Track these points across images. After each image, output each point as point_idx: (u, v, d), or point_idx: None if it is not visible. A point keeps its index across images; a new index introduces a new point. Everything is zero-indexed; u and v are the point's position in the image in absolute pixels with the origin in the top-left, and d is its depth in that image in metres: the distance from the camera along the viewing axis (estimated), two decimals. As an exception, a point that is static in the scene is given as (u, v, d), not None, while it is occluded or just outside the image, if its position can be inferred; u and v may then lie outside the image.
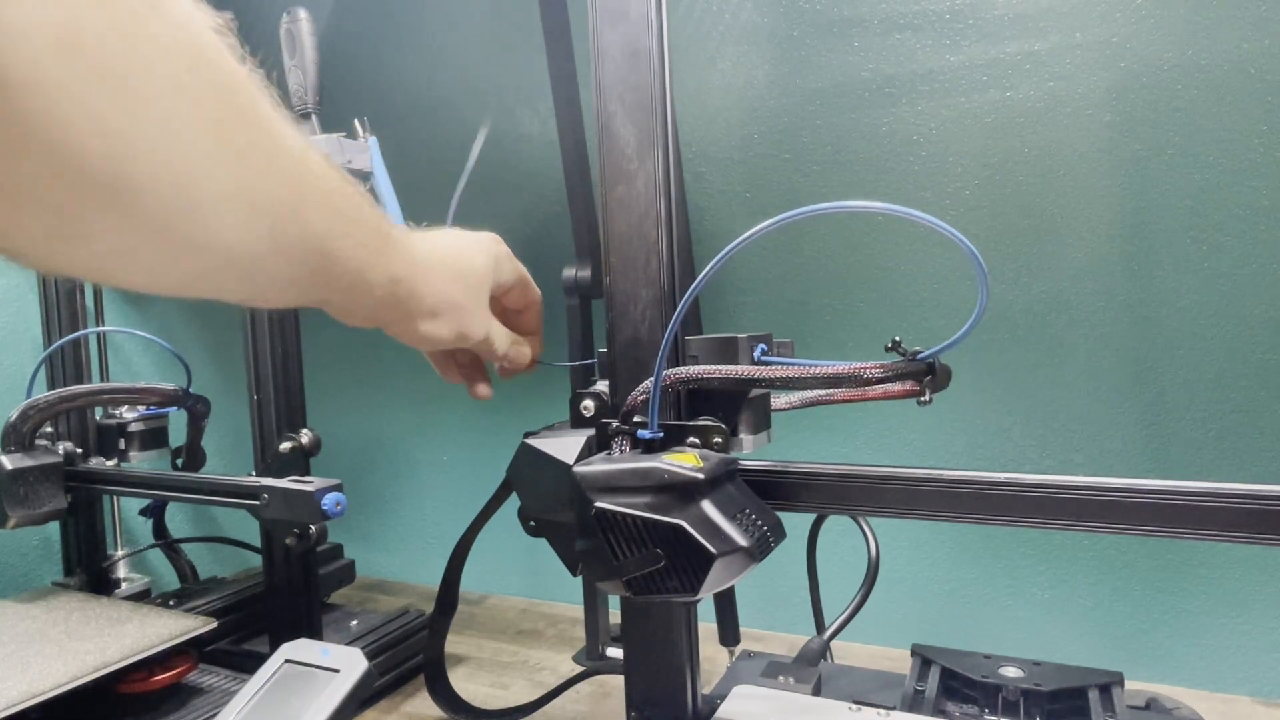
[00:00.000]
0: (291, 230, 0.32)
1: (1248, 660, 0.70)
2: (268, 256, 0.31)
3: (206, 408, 0.86)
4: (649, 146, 0.46)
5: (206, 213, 0.27)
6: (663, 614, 0.50)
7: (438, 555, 0.94)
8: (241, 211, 0.29)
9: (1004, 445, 0.76)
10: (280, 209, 0.31)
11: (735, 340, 0.46)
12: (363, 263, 0.37)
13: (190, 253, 0.28)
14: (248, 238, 0.30)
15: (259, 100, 0.29)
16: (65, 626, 0.68)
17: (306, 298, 0.37)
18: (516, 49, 0.94)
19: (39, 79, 0.20)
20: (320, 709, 0.53)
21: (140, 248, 0.26)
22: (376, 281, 0.39)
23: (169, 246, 0.27)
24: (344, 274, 0.37)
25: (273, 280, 0.34)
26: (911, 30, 0.76)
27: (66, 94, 0.21)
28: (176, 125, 0.25)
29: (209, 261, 0.29)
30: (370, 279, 0.38)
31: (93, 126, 0.22)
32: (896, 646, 0.76)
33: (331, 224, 0.34)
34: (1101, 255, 0.71)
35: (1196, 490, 0.37)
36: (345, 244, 0.36)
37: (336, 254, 0.35)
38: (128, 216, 0.25)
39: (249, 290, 0.34)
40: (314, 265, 0.35)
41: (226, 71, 0.27)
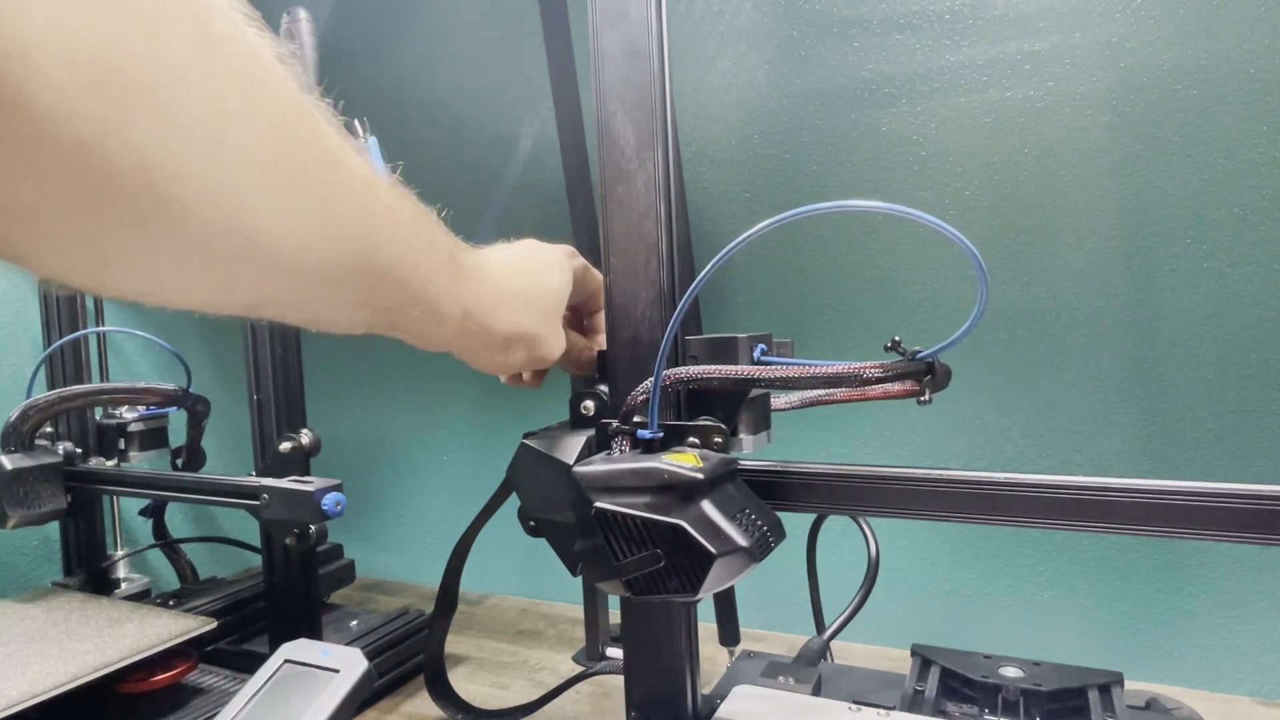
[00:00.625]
0: (360, 260, 0.31)
1: (1248, 660, 0.70)
2: (338, 282, 0.31)
3: (206, 408, 0.86)
4: (649, 146, 0.46)
5: (261, 240, 0.26)
6: (663, 614, 0.50)
7: (438, 555, 0.94)
8: (304, 240, 0.28)
9: (1004, 445, 0.76)
10: (347, 239, 0.30)
11: (735, 340, 0.46)
12: (435, 294, 0.37)
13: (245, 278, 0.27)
14: (312, 266, 0.29)
15: (322, 129, 0.29)
16: (65, 626, 0.68)
17: (378, 324, 0.36)
18: (516, 49, 0.94)
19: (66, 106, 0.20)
20: (320, 709, 0.53)
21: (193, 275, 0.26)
22: (449, 314, 0.38)
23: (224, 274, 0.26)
24: (415, 304, 0.36)
25: (340, 306, 0.33)
26: (911, 30, 0.76)
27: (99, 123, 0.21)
28: (225, 155, 0.24)
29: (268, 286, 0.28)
30: (443, 311, 0.38)
31: (128, 156, 0.21)
32: (896, 646, 0.76)
33: (403, 254, 0.34)
34: (1101, 255, 0.71)
35: (1196, 490, 0.37)
36: (417, 274, 0.35)
37: (408, 282, 0.35)
38: (172, 244, 0.24)
39: (316, 314, 0.33)
40: (385, 293, 0.34)
41: (286, 102, 0.27)
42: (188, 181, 0.23)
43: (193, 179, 0.23)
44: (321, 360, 0.90)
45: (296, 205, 0.27)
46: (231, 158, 0.24)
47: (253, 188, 0.25)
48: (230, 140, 0.24)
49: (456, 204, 0.44)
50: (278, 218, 0.27)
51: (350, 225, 0.30)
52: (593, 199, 0.76)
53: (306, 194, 0.28)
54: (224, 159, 0.24)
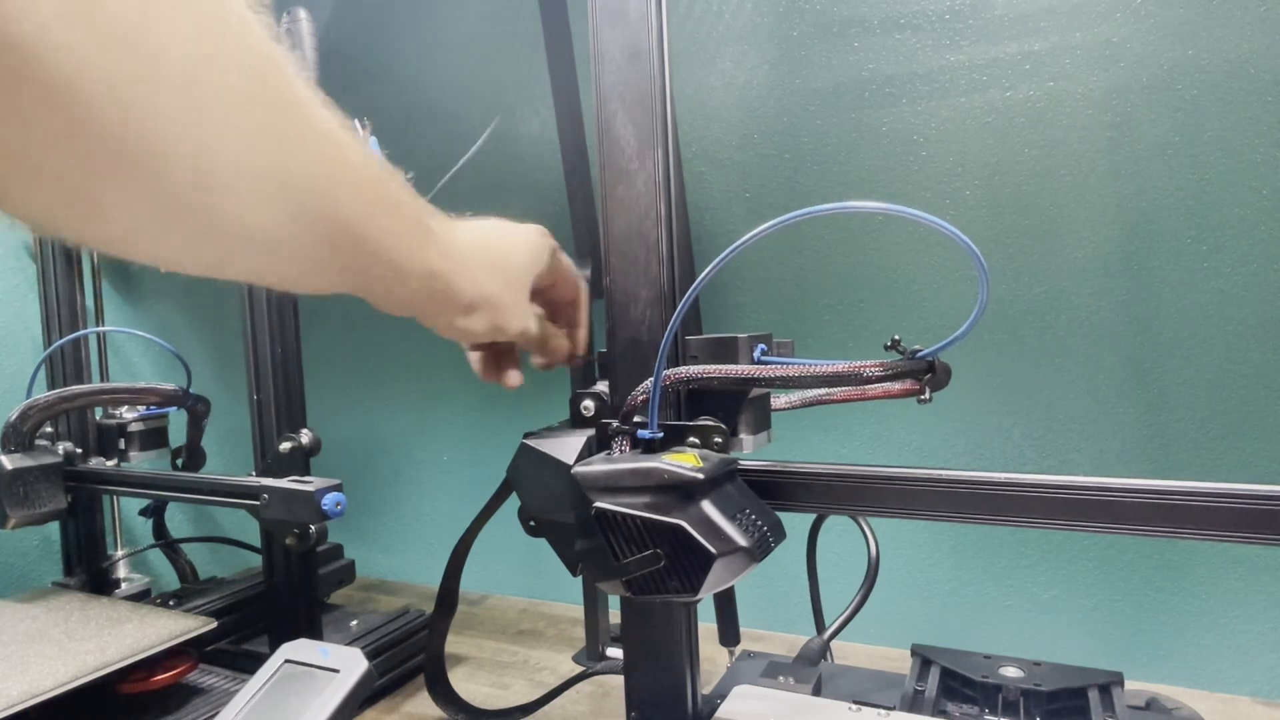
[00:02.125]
0: (322, 214, 0.31)
1: (1248, 660, 0.70)
2: (297, 240, 0.31)
3: (206, 408, 0.86)
4: (649, 146, 0.46)
5: (230, 189, 0.26)
6: (663, 614, 0.50)
7: (438, 555, 0.94)
8: (268, 191, 0.28)
9: (1004, 445, 0.76)
10: (310, 192, 0.30)
11: (735, 340, 0.46)
12: (399, 253, 0.37)
13: (214, 231, 0.27)
14: (276, 218, 0.29)
15: (292, 80, 0.28)
16: (65, 626, 0.68)
17: (342, 284, 0.36)
18: (516, 49, 0.94)
19: (49, 43, 0.20)
20: (320, 709, 0.53)
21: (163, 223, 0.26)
22: (413, 273, 0.38)
23: (192, 223, 0.26)
24: (378, 263, 0.36)
25: (303, 264, 0.33)
26: (911, 30, 0.76)
27: (80, 60, 0.21)
28: (199, 97, 0.24)
29: (236, 241, 0.28)
30: (406, 270, 0.38)
31: (108, 91, 0.22)
32: (896, 646, 0.76)
33: (366, 211, 0.34)
34: (1101, 255, 0.71)
35: (1196, 490, 0.37)
36: (380, 233, 0.35)
37: (370, 242, 0.35)
38: (147, 189, 0.24)
39: (280, 274, 0.33)
40: (347, 251, 0.34)
41: (257, 48, 0.26)
42: (162, 121, 0.23)
43: (166, 119, 0.23)
44: (321, 360, 0.90)
45: (262, 154, 0.27)
46: (205, 100, 0.24)
47: (225, 133, 0.25)
48: (203, 81, 0.24)
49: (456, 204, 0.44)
50: (244, 165, 0.27)
51: (311, 178, 0.30)
52: (593, 199, 0.76)
53: (272, 143, 0.28)
54: (197, 100, 0.24)
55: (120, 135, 0.22)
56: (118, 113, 0.22)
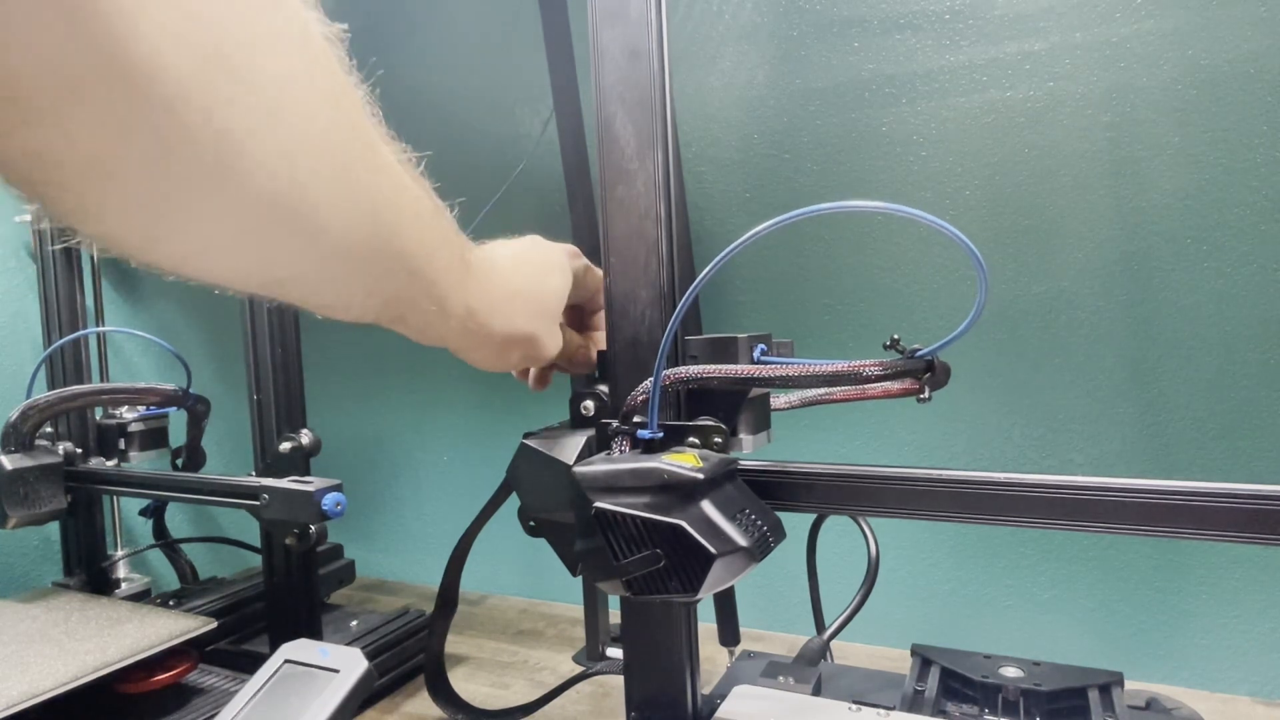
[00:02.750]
0: (386, 243, 0.32)
1: (1248, 660, 0.70)
2: (361, 264, 0.31)
3: (206, 408, 0.86)
4: (649, 146, 0.46)
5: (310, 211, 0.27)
6: (663, 614, 0.50)
7: (438, 555, 0.94)
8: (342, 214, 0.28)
9: (1004, 445, 0.76)
10: (378, 220, 0.31)
11: (735, 340, 0.46)
12: (443, 289, 0.37)
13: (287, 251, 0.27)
14: (345, 243, 0.29)
15: (363, 112, 0.29)
16: (65, 626, 0.68)
17: (384, 315, 0.36)
18: (516, 49, 0.94)
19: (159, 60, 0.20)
20: (320, 709, 0.53)
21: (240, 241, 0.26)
22: (453, 312, 0.39)
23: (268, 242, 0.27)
24: (424, 296, 0.36)
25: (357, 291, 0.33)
26: (911, 30, 0.76)
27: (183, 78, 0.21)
28: (287, 119, 0.24)
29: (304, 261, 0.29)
30: (448, 308, 0.38)
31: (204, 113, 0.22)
32: (896, 646, 0.76)
33: (421, 244, 0.34)
34: (1101, 255, 0.71)
35: (1196, 490, 0.37)
36: (430, 267, 0.35)
37: (422, 274, 0.35)
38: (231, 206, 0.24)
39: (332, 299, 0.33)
40: (400, 282, 0.34)
41: (337, 77, 0.27)
42: (250, 143, 0.23)
43: (254, 141, 0.24)
44: (321, 360, 0.90)
45: (339, 181, 0.28)
46: (289, 124, 0.25)
47: (305, 157, 0.26)
48: (289, 107, 0.25)
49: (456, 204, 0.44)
50: (322, 190, 0.27)
51: (381, 209, 0.31)
52: (593, 199, 0.76)
53: (348, 173, 0.28)
54: (282, 124, 0.24)
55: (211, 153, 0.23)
56: (211, 133, 0.22)
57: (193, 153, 0.22)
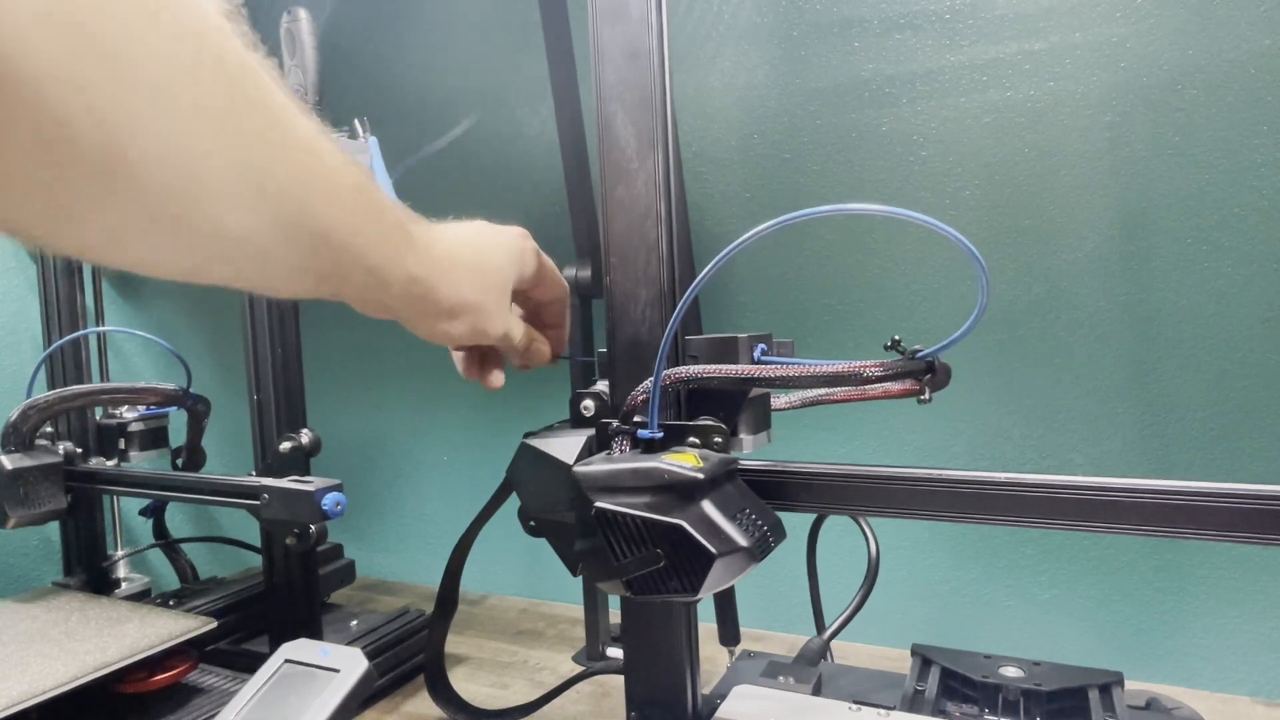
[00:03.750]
0: (301, 220, 0.31)
1: (1248, 660, 0.70)
2: (276, 245, 0.31)
3: (206, 408, 0.86)
4: (649, 146, 0.46)
5: (208, 197, 0.26)
6: (663, 614, 0.50)
7: (438, 555, 0.94)
8: (245, 199, 0.28)
9: (1004, 445, 0.76)
10: (289, 198, 0.30)
11: (735, 340, 0.46)
12: (379, 259, 0.37)
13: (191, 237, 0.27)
14: (253, 225, 0.29)
15: (269, 88, 0.28)
16: (65, 626, 0.68)
17: (321, 290, 0.36)
18: (516, 49, 0.94)
19: (26, 51, 0.20)
20: (320, 709, 0.53)
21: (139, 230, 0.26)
22: (393, 279, 0.39)
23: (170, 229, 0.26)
24: (357, 268, 0.36)
25: (281, 270, 0.33)
26: (911, 30, 0.76)
27: (56, 67, 0.21)
28: (176, 105, 0.24)
29: (213, 247, 0.28)
30: (387, 276, 0.38)
31: (83, 102, 0.22)
32: (896, 646, 0.76)
33: (344, 218, 0.34)
34: (1101, 255, 0.71)
35: (1196, 490, 0.37)
36: (358, 239, 0.35)
37: (349, 248, 0.35)
38: (124, 196, 0.24)
39: (257, 279, 0.33)
40: (325, 258, 0.34)
41: (233, 55, 0.27)
42: (135, 127, 0.23)
43: (140, 125, 0.23)
44: (321, 360, 0.90)
45: (239, 163, 0.27)
46: (179, 106, 0.24)
47: (199, 138, 0.25)
48: (178, 88, 0.24)
49: (456, 204, 0.44)
50: (221, 172, 0.27)
51: (290, 184, 0.30)
52: (593, 199, 0.76)
53: (248, 153, 0.28)
54: (172, 107, 0.24)
55: (92, 141, 0.22)
56: (89, 118, 0.22)
57: (77, 140, 0.22)
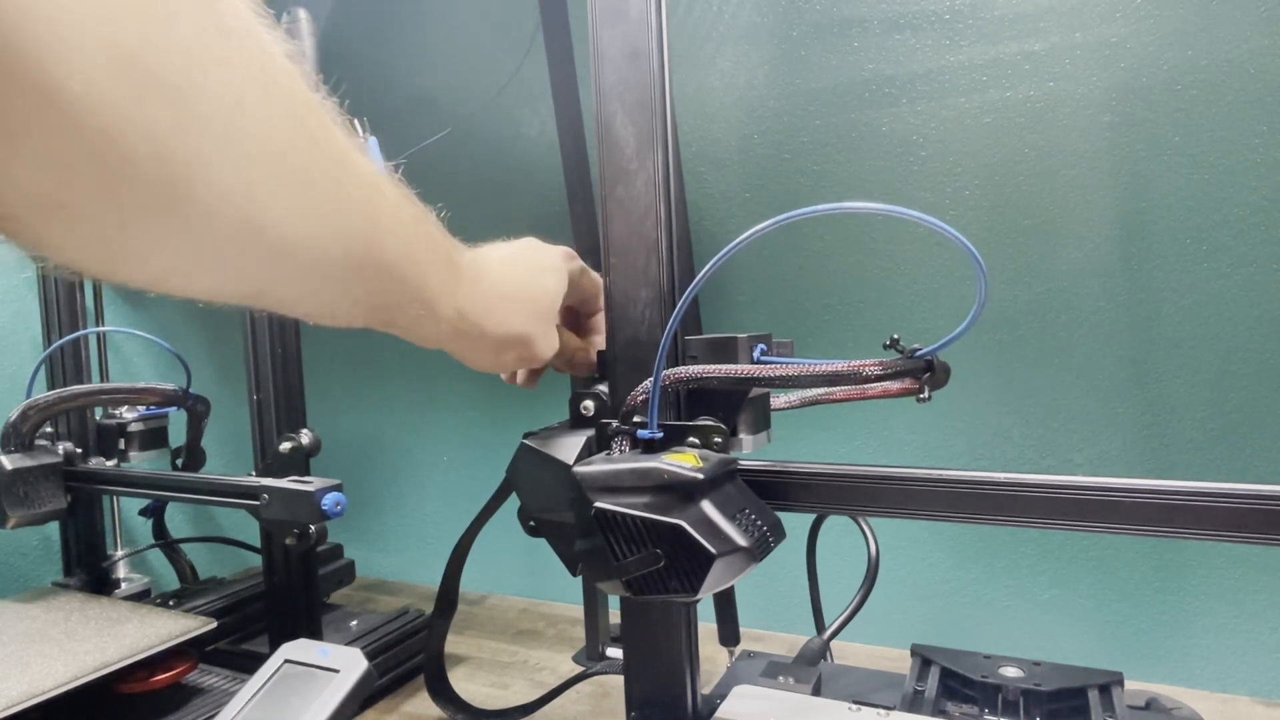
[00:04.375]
0: (362, 256, 0.32)
1: (1248, 660, 0.70)
2: (337, 279, 0.31)
3: (206, 408, 0.86)
4: (649, 146, 0.46)
5: (269, 234, 0.27)
6: (663, 614, 0.50)
7: (438, 555, 0.94)
8: (309, 234, 0.29)
9: (1004, 445, 0.76)
10: (352, 234, 0.31)
11: (735, 340, 0.46)
12: (432, 293, 0.37)
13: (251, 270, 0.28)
14: (316, 259, 0.30)
15: (330, 127, 0.29)
16: (65, 626, 0.68)
17: (374, 320, 0.37)
18: (516, 49, 0.94)
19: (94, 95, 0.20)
20: (320, 709, 0.53)
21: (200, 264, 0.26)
22: (444, 315, 0.39)
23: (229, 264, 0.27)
24: (414, 302, 0.37)
25: (340, 301, 0.33)
26: (911, 30, 0.76)
27: (119, 109, 0.21)
28: (239, 146, 0.25)
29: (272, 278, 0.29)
30: (439, 311, 0.39)
31: (147, 144, 0.22)
32: (896, 646, 0.76)
33: (403, 252, 0.34)
34: (1101, 255, 0.71)
35: (1196, 490, 0.37)
36: (415, 272, 0.36)
37: (407, 281, 0.35)
38: (189, 235, 0.25)
39: (315, 308, 0.34)
40: (384, 290, 0.34)
41: (297, 97, 0.27)
42: (202, 169, 0.24)
43: (207, 167, 0.24)
44: (321, 360, 0.90)
45: (304, 199, 0.28)
46: (244, 148, 0.25)
47: (264, 178, 0.26)
48: (244, 130, 0.25)
49: (457, 204, 0.44)
50: (286, 210, 0.27)
51: (355, 221, 0.31)
52: (593, 199, 0.76)
53: (314, 188, 0.28)
54: (237, 149, 0.25)
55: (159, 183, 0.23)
56: (156, 164, 0.22)
57: (142, 182, 0.22)
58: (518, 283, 0.45)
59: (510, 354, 0.45)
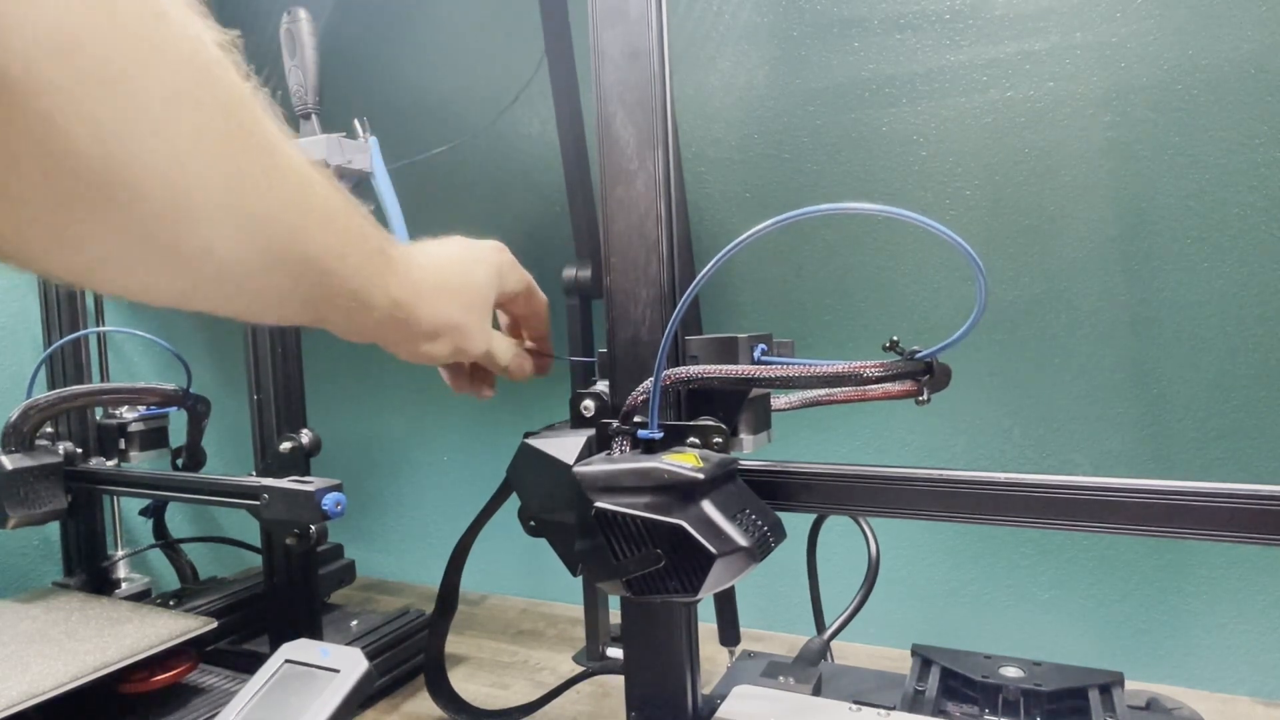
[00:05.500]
0: (289, 248, 0.32)
1: (1248, 660, 0.70)
2: (264, 272, 0.31)
3: (206, 408, 0.86)
4: (649, 146, 0.46)
5: (200, 223, 0.27)
6: (663, 614, 0.50)
7: (438, 555, 0.94)
8: (237, 225, 0.29)
9: (1004, 445, 0.76)
10: (278, 226, 0.31)
11: (735, 340, 0.46)
12: (362, 284, 0.38)
13: (183, 263, 0.28)
14: (243, 252, 0.30)
15: (262, 118, 0.29)
16: (65, 626, 0.68)
17: (305, 316, 0.37)
18: (516, 49, 0.94)
19: (35, 77, 0.20)
20: (320, 709, 0.53)
21: (133, 255, 0.26)
22: (376, 304, 0.39)
23: (162, 255, 0.27)
24: (342, 294, 0.37)
25: (269, 296, 0.33)
26: (911, 30, 0.76)
27: (62, 94, 0.21)
28: (174, 134, 0.25)
29: (202, 273, 0.29)
30: (370, 301, 0.39)
31: (88, 129, 0.22)
32: (896, 646, 0.76)
33: (331, 244, 0.34)
34: (1101, 255, 0.71)
35: (1196, 490, 0.37)
36: (344, 265, 0.36)
37: (335, 273, 0.35)
38: (121, 221, 0.25)
39: (245, 305, 0.34)
40: (312, 283, 0.35)
41: (229, 86, 0.27)
42: (141, 159, 0.24)
43: (146, 156, 0.24)
44: (321, 360, 0.90)
45: (232, 190, 0.28)
46: (181, 138, 0.25)
47: (198, 170, 0.26)
48: (181, 121, 0.25)
49: (457, 204, 0.44)
50: (215, 198, 0.27)
51: (281, 214, 0.31)
52: (593, 199, 0.76)
53: (242, 180, 0.28)
54: (174, 139, 0.25)
55: (97, 171, 0.23)
56: (98, 149, 0.23)
57: (80, 168, 0.23)
58: (451, 273, 0.45)
59: (443, 343, 0.45)
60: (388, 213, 0.69)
